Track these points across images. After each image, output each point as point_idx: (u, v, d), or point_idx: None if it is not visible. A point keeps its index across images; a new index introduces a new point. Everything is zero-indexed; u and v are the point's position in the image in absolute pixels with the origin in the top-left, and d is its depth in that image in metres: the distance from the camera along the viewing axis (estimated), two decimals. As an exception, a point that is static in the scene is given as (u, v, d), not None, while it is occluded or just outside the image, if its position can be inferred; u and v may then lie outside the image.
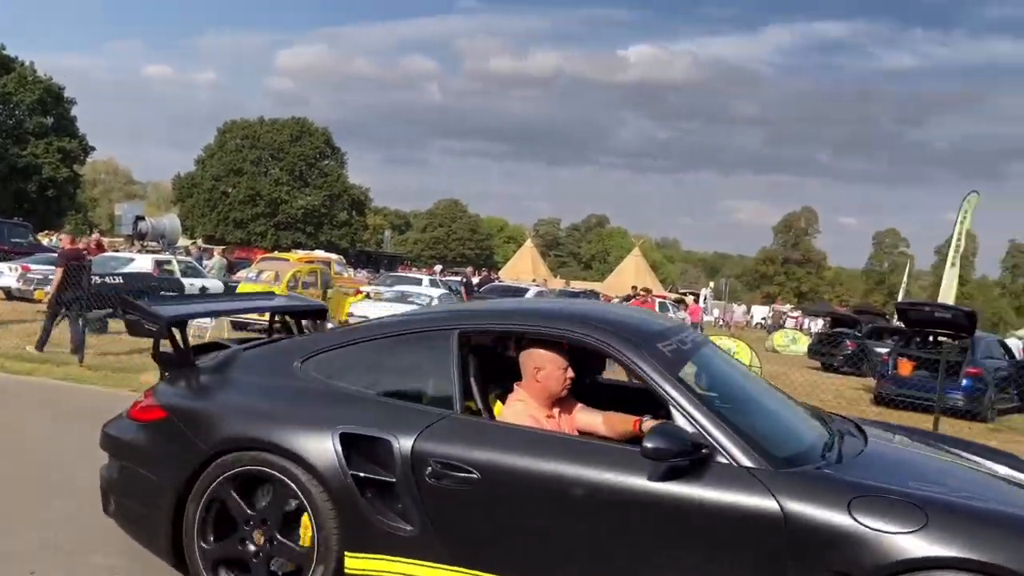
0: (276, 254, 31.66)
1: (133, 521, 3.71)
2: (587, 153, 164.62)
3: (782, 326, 40.26)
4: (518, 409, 3.48)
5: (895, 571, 2.69)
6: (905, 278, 54.98)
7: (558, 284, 40.51)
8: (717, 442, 3.01)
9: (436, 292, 19.09)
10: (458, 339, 3.52)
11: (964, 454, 3.90)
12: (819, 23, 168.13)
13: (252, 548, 3.39)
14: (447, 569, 3.20)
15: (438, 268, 43.75)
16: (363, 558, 3.26)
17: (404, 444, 3.24)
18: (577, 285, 41.46)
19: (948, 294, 25.15)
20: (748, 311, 52.51)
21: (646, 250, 56.92)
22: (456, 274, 36.53)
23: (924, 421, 9.91)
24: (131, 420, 3.77)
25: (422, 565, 3.21)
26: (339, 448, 3.28)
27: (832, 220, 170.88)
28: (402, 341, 3.68)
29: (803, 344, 26.77)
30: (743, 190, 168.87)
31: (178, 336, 3.84)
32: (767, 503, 2.86)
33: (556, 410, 3.55)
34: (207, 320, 11.56)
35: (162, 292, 14.96)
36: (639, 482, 2.98)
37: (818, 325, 35.19)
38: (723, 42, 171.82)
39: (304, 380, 3.62)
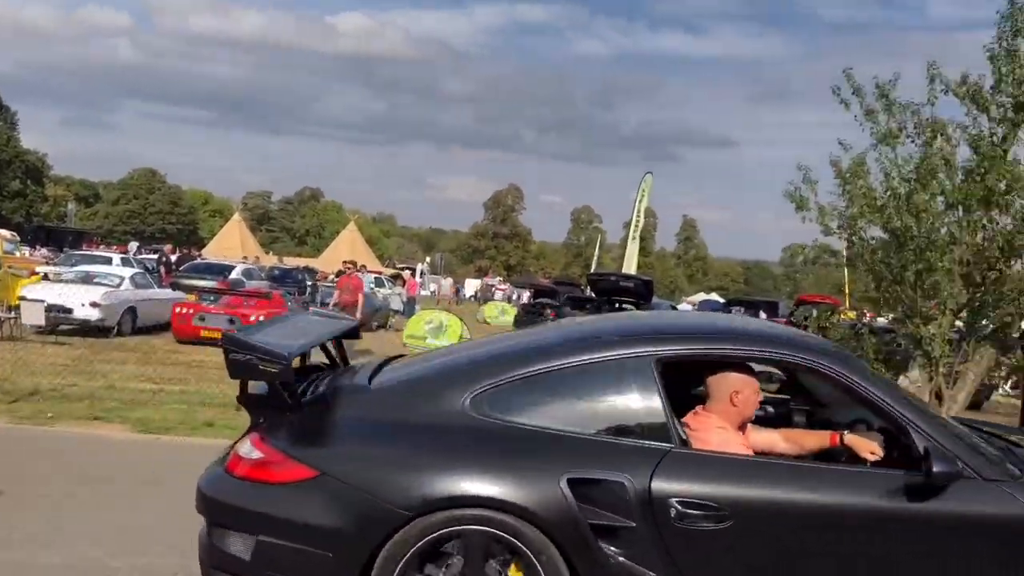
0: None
1: None
2: (298, 124, 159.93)
3: (492, 298, 42.24)
4: (726, 437, 3.31)
5: None
6: (597, 251, 60.20)
7: (270, 260, 38.94)
8: (962, 458, 3.06)
9: (127, 272, 17.45)
10: (657, 366, 3.27)
11: None
12: (521, 4, 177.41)
13: None
14: None
15: (134, 245, 40.10)
16: None
17: (639, 485, 2.99)
18: (291, 261, 40.16)
19: (631, 265, 27.99)
20: (454, 284, 54.30)
21: (362, 225, 56.58)
22: (155, 252, 33.75)
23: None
24: (257, 482, 3.11)
25: None
26: (570, 496, 2.95)
27: (537, 197, 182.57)
28: (590, 371, 3.31)
29: (511, 315, 28.31)
30: (456, 166, 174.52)
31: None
32: (1018, 510, 3.01)
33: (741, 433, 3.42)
34: None
35: None
36: (910, 504, 3.02)
37: (524, 296, 37.37)
38: (434, 17, 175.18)
39: (483, 420, 3.18)
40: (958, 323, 8.67)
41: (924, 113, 8.23)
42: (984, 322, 8.46)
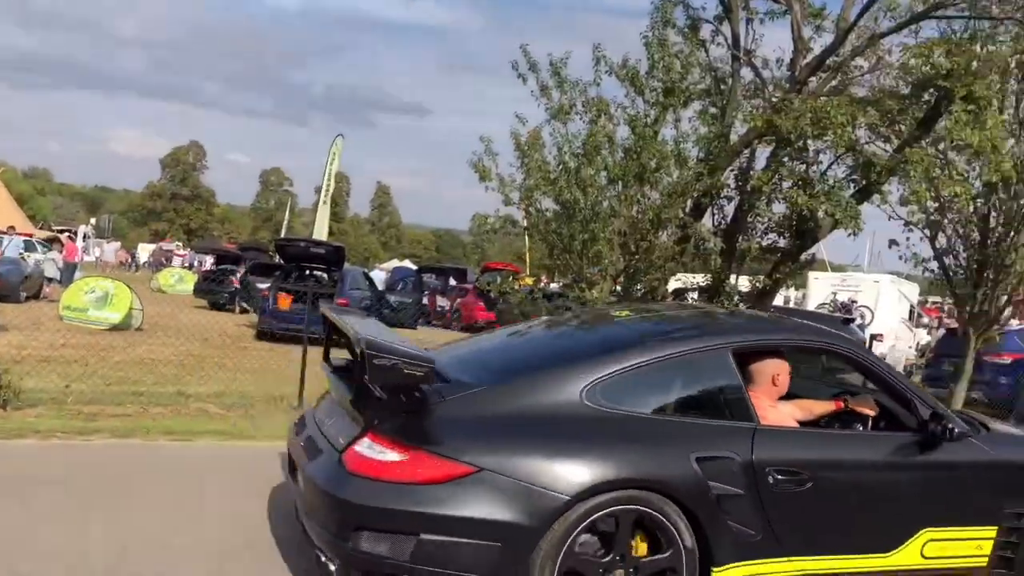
0: None
1: None
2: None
3: (168, 264, 39.08)
4: (777, 413, 4.02)
5: None
6: (288, 215, 58.23)
7: None
8: (949, 420, 3.97)
9: None
10: (733, 356, 3.89)
11: None
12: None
13: None
14: (791, 561, 3.66)
15: None
16: (724, 570, 3.50)
17: (743, 458, 3.57)
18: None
19: (322, 230, 27.42)
20: (125, 249, 49.43)
21: (9, 180, 49.12)
22: None
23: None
24: (408, 484, 3.22)
25: (764, 563, 3.59)
26: (700, 472, 3.44)
27: (222, 156, 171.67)
28: (682, 363, 3.84)
29: (190, 283, 26.38)
30: (127, 117, 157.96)
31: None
32: (988, 456, 4.14)
33: None
34: None
35: None
36: (924, 457, 3.97)
37: (208, 262, 35.06)
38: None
39: (602, 410, 3.55)
40: (617, 287, 9.56)
41: (591, 92, 8.86)
42: (638, 286, 9.40)
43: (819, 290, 24.06)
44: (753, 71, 9.22)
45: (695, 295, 10.48)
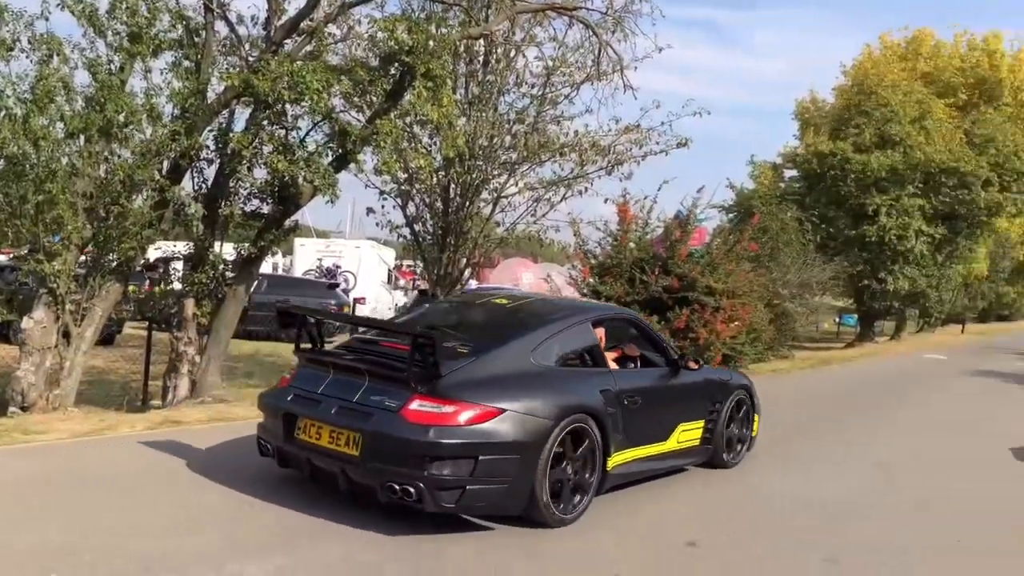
0: None
1: (488, 497, 4.92)
2: None
3: None
4: (609, 359, 6.29)
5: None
6: None
7: None
8: (685, 357, 6.82)
9: None
10: (593, 325, 6.22)
11: None
12: None
13: (568, 471, 5.30)
14: (630, 450, 5.90)
15: None
16: (612, 457, 5.62)
17: (615, 389, 5.76)
18: None
19: None
20: None
21: None
22: None
23: None
24: (460, 427, 4.82)
25: (623, 452, 5.81)
26: (602, 400, 5.60)
27: None
28: (573, 332, 5.93)
29: None
30: None
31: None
32: (703, 377, 6.92)
33: None
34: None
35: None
36: (674, 379, 6.60)
37: None
38: None
39: (542, 366, 5.50)
40: (85, 258, 8.49)
41: (40, 27, 7.62)
42: (110, 256, 8.47)
43: (305, 256, 24.72)
44: (228, 26, 8.87)
45: (179, 264, 9.87)
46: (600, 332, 6.31)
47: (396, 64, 8.32)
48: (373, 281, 23.01)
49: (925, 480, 7.59)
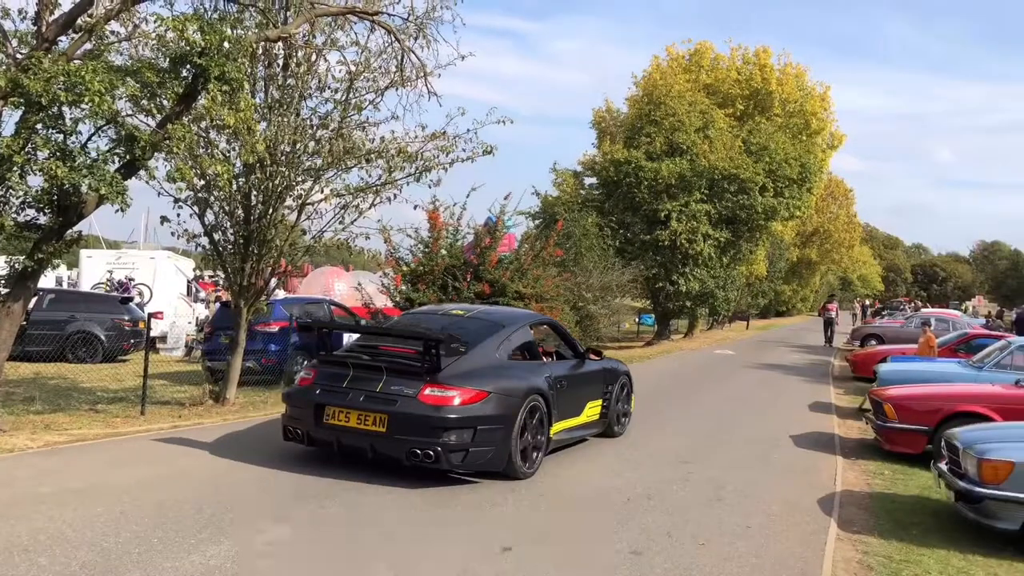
0: None
1: (482, 457, 6.85)
2: None
3: None
4: (541, 354, 8.79)
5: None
6: None
7: None
8: (589, 351, 9.27)
9: None
10: (531, 328, 8.66)
11: None
12: None
13: (529, 438, 7.27)
14: (561, 422, 7.96)
15: None
16: (553, 427, 7.71)
17: (552, 376, 7.87)
18: None
19: None
20: None
21: None
22: None
23: None
24: (462, 405, 6.72)
25: (558, 423, 7.87)
26: (548, 385, 7.70)
27: None
28: (520, 333, 8.11)
29: None
30: None
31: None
32: (601, 366, 9.20)
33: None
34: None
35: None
36: (583, 368, 8.79)
37: None
38: None
39: (505, 360, 7.64)
40: None
41: None
42: None
43: (93, 268, 22.85)
44: (-9, 20, 8.03)
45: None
46: (534, 332, 8.95)
47: (188, 66, 7.89)
48: (171, 294, 21.65)
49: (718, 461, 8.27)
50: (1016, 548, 5.93)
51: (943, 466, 6.78)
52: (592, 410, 8.79)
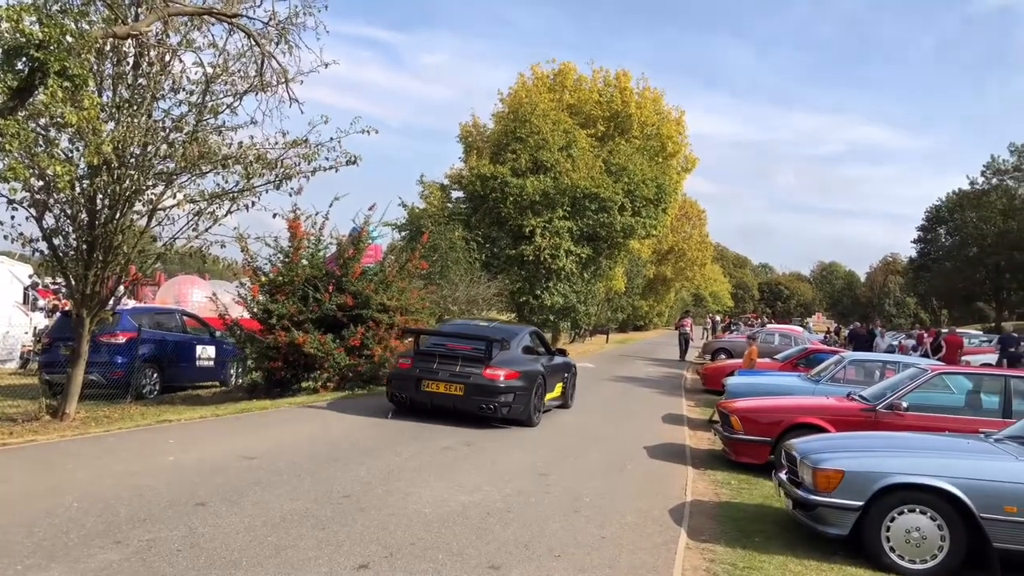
0: None
1: (516, 411, 11.15)
2: None
3: None
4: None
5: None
6: None
7: None
8: (557, 351, 14.41)
9: None
10: (530, 332, 13.41)
11: None
12: None
13: (536, 401, 11.75)
14: (548, 394, 12.51)
15: None
16: (544, 397, 12.19)
17: (546, 366, 12.46)
18: None
19: None
20: None
21: None
22: None
23: None
24: (506, 379, 11.04)
25: (547, 395, 12.35)
26: (546, 369, 12.39)
27: None
28: (527, 336, 12.87)
29: None
30: None
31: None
32: (563, 360, 13.99)
33: None
34: None
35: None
36: (555, 361, 13.36)
37: None
38: None
39: (524, 354, 12.16)
40: None
41: None
42: None
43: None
44: None
45: None
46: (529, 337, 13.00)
47: (24, 59, 7.34)
48: (5, 302, 19.99)
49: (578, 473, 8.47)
50: (846, 552, 6.35)
51: (783, 475, 7.17)
52: (559, 388, 13.22)
